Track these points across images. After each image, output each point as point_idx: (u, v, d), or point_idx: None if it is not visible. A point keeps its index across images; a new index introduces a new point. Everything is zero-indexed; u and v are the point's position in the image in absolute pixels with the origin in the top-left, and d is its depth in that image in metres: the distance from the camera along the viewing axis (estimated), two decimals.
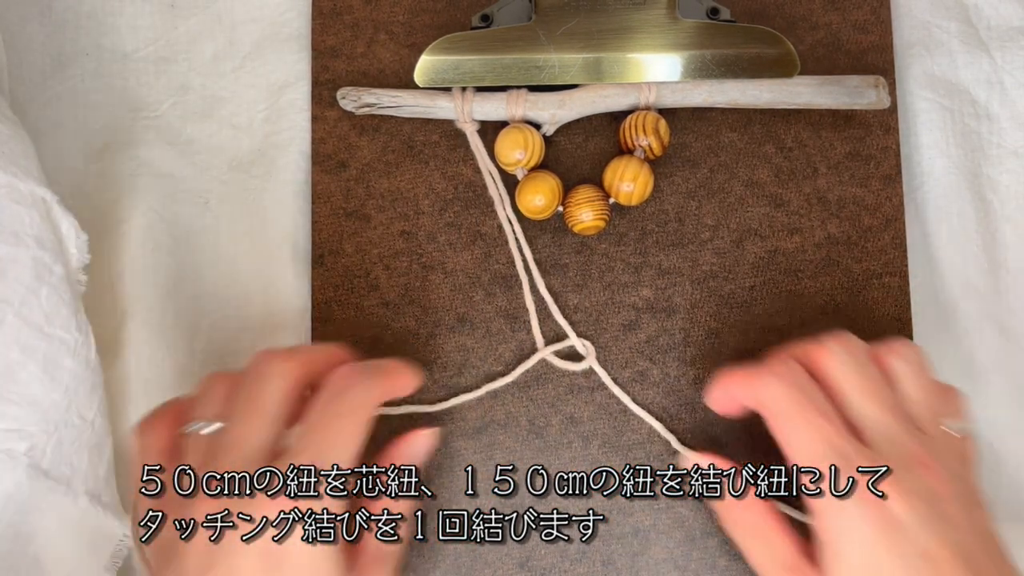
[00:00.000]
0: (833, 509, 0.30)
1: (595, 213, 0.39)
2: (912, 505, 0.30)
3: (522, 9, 0.40)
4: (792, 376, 0.33)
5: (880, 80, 0.40)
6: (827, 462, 0.31)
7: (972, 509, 0.31)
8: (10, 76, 0.41)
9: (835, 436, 0.31)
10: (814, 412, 0.32)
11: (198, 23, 0.43)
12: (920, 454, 0.31)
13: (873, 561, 0.30)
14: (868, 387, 0.32)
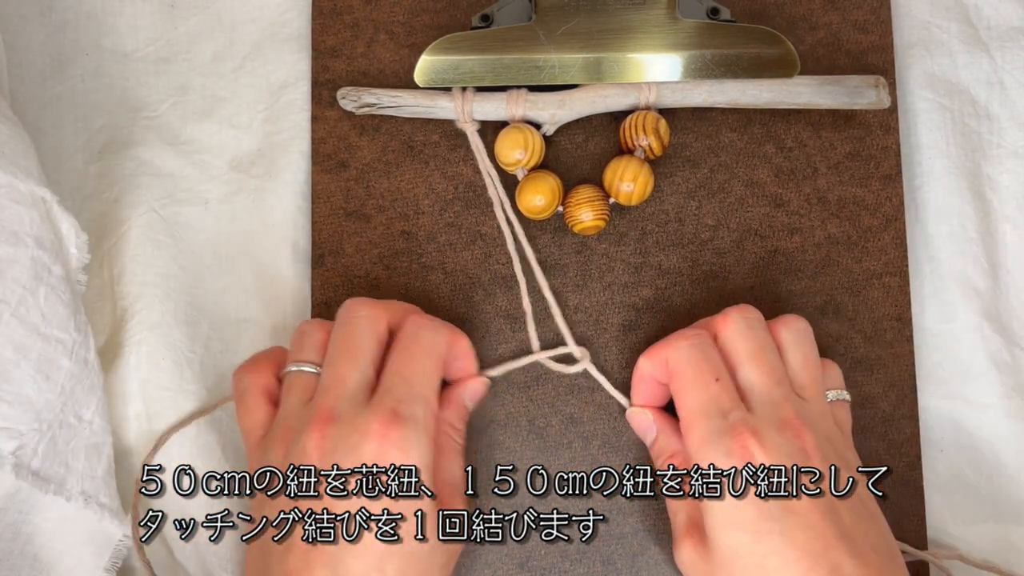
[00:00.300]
0: (704, 459, 0.33)
1: (595, 213, 0.39)
2: (776, 461, 0.32)
3: (522, 9, 0.40)
4: (696, 340, 0.36)
5: (880, 80, 0.40)
6: (705, 417, 0.34)
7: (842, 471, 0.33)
8: (10, 76, 0.41)
9: (721, 394, 0.34)
10: (709, 374, 0.34)
11: (198, 23, 0.43)
12: (793, 419, 0.33)
13: (736, 511, 0.32)
14: (757, 354, 0.35)
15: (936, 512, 0.41)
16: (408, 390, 0.34)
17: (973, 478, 0.41)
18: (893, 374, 0.40)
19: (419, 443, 0.33)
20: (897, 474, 0.40)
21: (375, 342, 0.35)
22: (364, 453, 0.32)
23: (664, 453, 0.37)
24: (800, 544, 0.31)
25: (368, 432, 0.32)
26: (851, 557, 0.31)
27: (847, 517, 0.32)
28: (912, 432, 0.40)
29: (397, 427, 0.32)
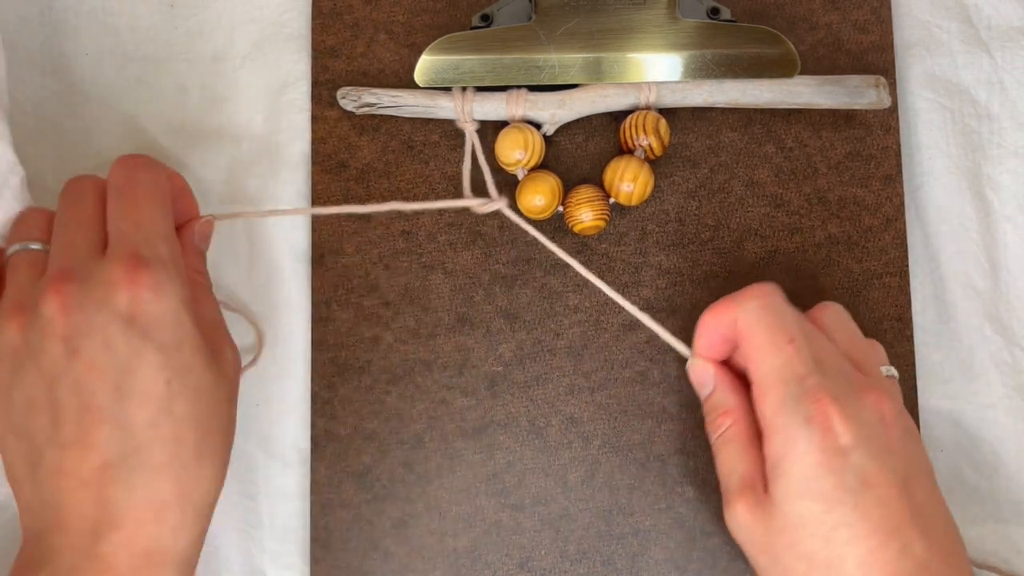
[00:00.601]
0: (781, 428, 0.32)
1: (595, 213, 0.39)
2: (856, 431, 0.31)
3: (522, 9, 0.40)
4: (770, 298, 0.34)
5: (880, 80, 0.40)
6: (782, 382, 0.32)
7: (913, 442, 0.33)
8: (9, 76, 0.41)
9: (796, 360, 0.32)
10: (782, 336, 0.33)
11: (198, 23, 0.43)
12: (871, 384, 0.33)
13: (813, 480, 0.31)
14: (814, 332, 0.34)
15: None
16: (144, 233, 0.32)
17: (973, 478, 0.41)
18: None
19: (172, 281, 0.31)
20: None
21: (99, 202, 0.33)
22: (117, 303, 0.30)
23: (718, 409, 0.35)
24: (874, 519, 0.30)
25: (114, 281, 0.30)
26: (922, 538, 0.30)
27: (920, 495, 0.31)
28: None
29: (144, 269, 0.30)
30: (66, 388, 0.30)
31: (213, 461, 0.32)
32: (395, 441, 0.40)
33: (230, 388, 0.33)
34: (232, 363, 0.34)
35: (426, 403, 0.40)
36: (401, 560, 0.39)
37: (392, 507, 0.39)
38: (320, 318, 0.40)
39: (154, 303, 0.30)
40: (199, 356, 0.32)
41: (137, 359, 0.30)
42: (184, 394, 0.31)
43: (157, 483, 0.30)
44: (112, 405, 0.30)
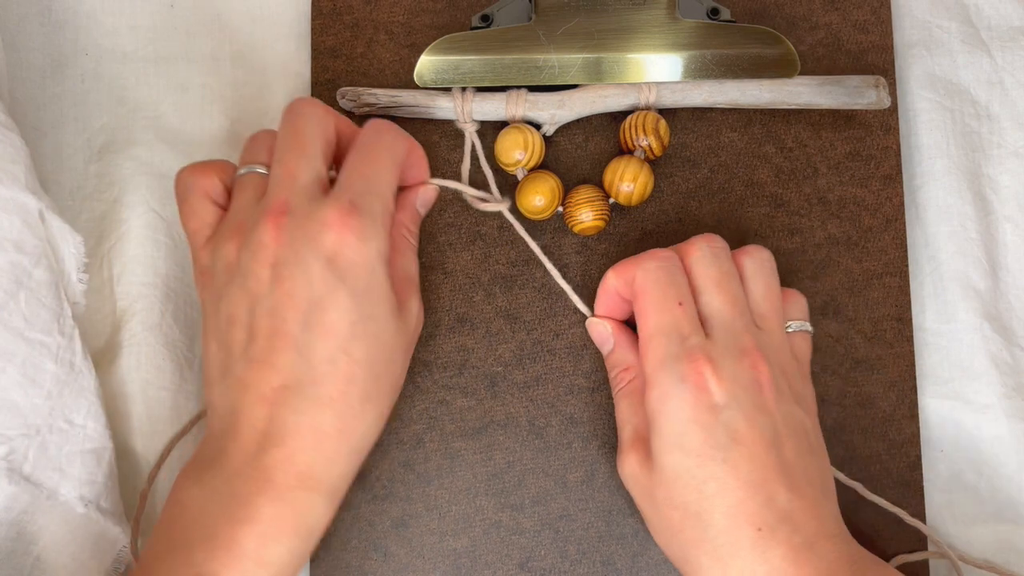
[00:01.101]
0: (657, 384, 0.34)
1: (595, 213, 0.39)
2: (728, 390, 0.33)
3: (522, 9, 0.40)
4: (666, 262, 0.36)
5: (880, 80, 0.40)
6: (664, 340, 0.34)
7: (792, 402, 0.34)
8: (10, 76, 0.41)
9: (682, 319, 0.34)
10: (673, 298, 0.35)
11: (197, 23, 0.43)
12: (751, 348, 0.34)
13: (684, 435, 0.33)
14: (721, 282, 0.36)
15: (936, 512, 0.41)
16: (366, 186, 0.33)
17: (973, 478, 0.41)
18: (893, 374, 0.40)
19: (376, 235, 0.33)
20: (897, 474, 0.40)
21: (323, 139, 0.35)
22: (324, 242, 0.32)
23: (619, 366, 0.38)
24: (742, 473, 0.32)
25: (327, 222, 0.32)
26: (787, 490, 0.32)
27: (790, 451, 0.33)
28: (912, 432, 0.40)
29: (355, 217, 0.32)
30: (264, 310, 0.32)
31: (377, 405, 0.33)
32: (395, 441, 0.40)
33: (408, 341, 0.35)
34: (416, 318, 0.35)
35: (426, 403, 0.40)
36: (401, 560, 0.39)
37: (392, 507, 0.39)
38: None
39: (356, 250, 0.32)
40: (385, 306, 0.33)
41: (330, 297, 0.32)
42: (364, 338, 0.32)
43: (322, 414, 0.32)
44: (299, 334, 0.32)
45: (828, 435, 0.40)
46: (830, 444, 0.40)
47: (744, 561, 0.32)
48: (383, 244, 0.33)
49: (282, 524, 0.31)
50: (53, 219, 0.35)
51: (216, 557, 0.30)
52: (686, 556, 0.34)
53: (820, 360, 0.40)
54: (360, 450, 0.34)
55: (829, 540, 0.33)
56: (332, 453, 0.32)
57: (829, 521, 0.33)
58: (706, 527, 0.33)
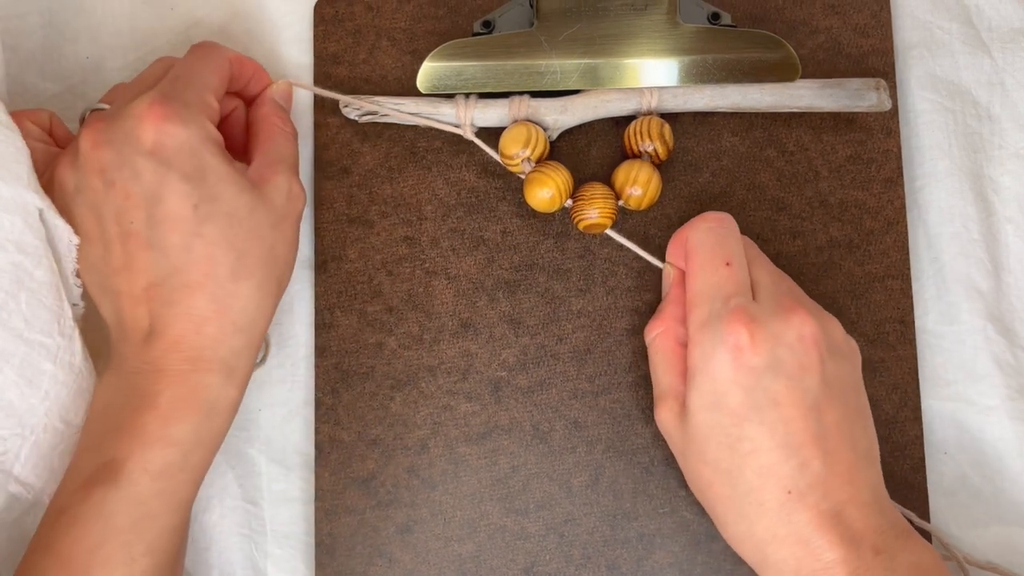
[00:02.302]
0: (699, 343, 0.34)
1: (602, 212, 0.39)
2: (769, 352, 0.33)
3: (523, 15, 0.40)
4: (716, 223, 0.37)
5: (881, 83, 0.40)
6: (708, 300, 0.35)
7: (840, 356, 0.35)
8: (9, 77, 0.41)
9: (729, 282, 0.35)
10: (720, 258, 0.36)
11: (199, 26, 0.43)
12: (796, 305, 0.34)
13: (723, 395, 0.33)
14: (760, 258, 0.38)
15: (940, 515, 0.41)
16: (178, 81, 0.35)
17: (977, 481, 0.41)
18: (896, 377, 0.40)
19: (194, 118, 0.33)
20: (901, 477, 0.40)
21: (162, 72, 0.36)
22: (142, 136, 0.33)
23: (662, 314, 0.38)
24: (778, 436, 0.33)
25: (139, 116, 0.33)
26: (822, 455, 0.33)
27: (831, 415, 0.33)
28: (916, 435, 0.40)
29: (167, 105, 0.33)
30: (109, 218, 0.33)
31: (251, 280, 0.34)
32: (399, 447, 0.40)
33: (275, 217, 0.35)
34: (284, 195, 0.35)
35: (430, 409, 0.40)
36: (406, 566, 0.39)
37: (397, 513, 0.39)
38: (323, 324, 0.40)
39: (175, 135, 0.33)
40: (228, 184, 0.34)
41: (164, 187, 0.33)
42: (214, 219, 0.33)
43: (193, 299, 0.33)
44: (147, 231, 0.33)
45: None
46: None
47: (769, 521, 0.33)
48: (204, 126, 0.34)
49: (181, 405, 0.33)
50: (55, 220, 0.34)
51: (123, 443, 0.32)
52: (714, 509, 0.35)
53: None
54: (248, 326, 0.34)
55: (860, 508, 0.33)
56: (216, 333, 0.33)
57: (864, 489, 0.33)
58: (735, 484, 0.33)
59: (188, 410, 0.33)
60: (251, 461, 0.41)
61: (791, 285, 0.37)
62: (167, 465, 0.32)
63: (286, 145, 0.37)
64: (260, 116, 0.38)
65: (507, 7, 0.40)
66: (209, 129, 0.34)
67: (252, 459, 0.41)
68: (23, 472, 0.34)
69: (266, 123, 0.38)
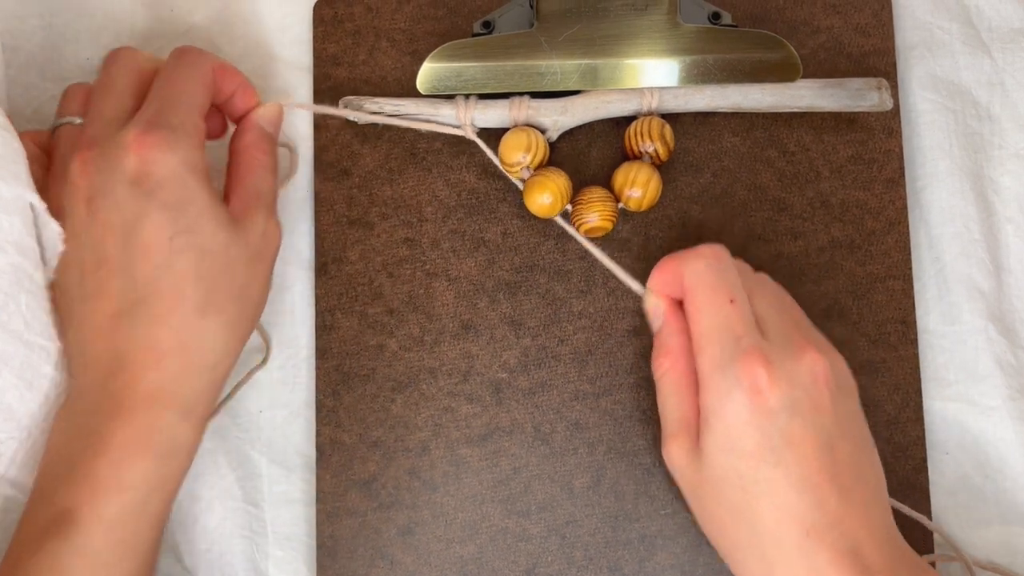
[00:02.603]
0: (714, 385, 0.33)
1: (602, 215, 0.39)
2: (785, 392, 0.32)
3: (523, 16, 0.40)
4: (713, 259, 0.35)
5: (882, 82, 0.40)
6: (718, 341, 0.33)
7: (846, 400, 0.34)
8: (8, 78, 0.41)
9: (736, 320, 0.34)
10: (723, 295, 0.34)
11: (198, 28, 0.43)
12: (807, 344, 0.34)
13: (739, 438, 0.32)
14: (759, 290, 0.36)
15: (942, 515, 0.41)
16: (165, 103, 0.34)
17: (979, 480, 0.41)
18: (898, 377, 0.40)
19: (181, 146, 0.33)
20: (903, 477, 0.40)
21: (134, 77, 0.36)
22: (127, 165, 0.32)
23: (661, 349, 0.36)
24: (793, 476, 0.32)
25: (126, 145, 0.32)
26: (838, 493, 0.32)
27: (843, 452, 0.33)
28: (917, 435, 0.40)
29: (154, 134, 0.33)
30: (88, 245, 0.33)
31: (218, 317, 0.33)
32: (400, 449, 0.40)
33: (250, 254, 0.34)
34: (260, 233, 0.35)
35: (431, 411, 0.40)
36: (407, 568, 0.39)
37: (398, 515, 0.39)
38: (324, 326, 0.40)
39: (160, 165, 0.32)
40: (207, 218, 0.33)
41: (142, 216, 0.32)
42: (187, 252, 0.32)
43: (156, 332, 0.32)
44: (120, 258, 0.32)
45: None
46: None
47: (789, 562, 0.32)
48: (191, 154, 0.33)
49: (135, 447, 0.32)
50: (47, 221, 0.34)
51: (75, 491, 0.31)
52: (732, 552, 0.34)
53: None
54: (212, 365, 0.34)
55: (876, 544, 0.32)
56: (177, 369, 0.32)
57: (878, 524, 0.33)
58: (753, 526, 0.33)
59: (142, 452, 0.32)
60: (252, 463, 0.40)
61: (794, 313, 0.36)
62: (122, 512, 0.31)
63: (264, 180, 0.37)
64: (242, 146, 0.37)
65: (507, 7, 0.40)
66: (195, 157, 0.33)
67: (253, 461, 0.41)
68: (19, 475, 0.34)
69: (247, 154, 0.37)
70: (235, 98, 0.38)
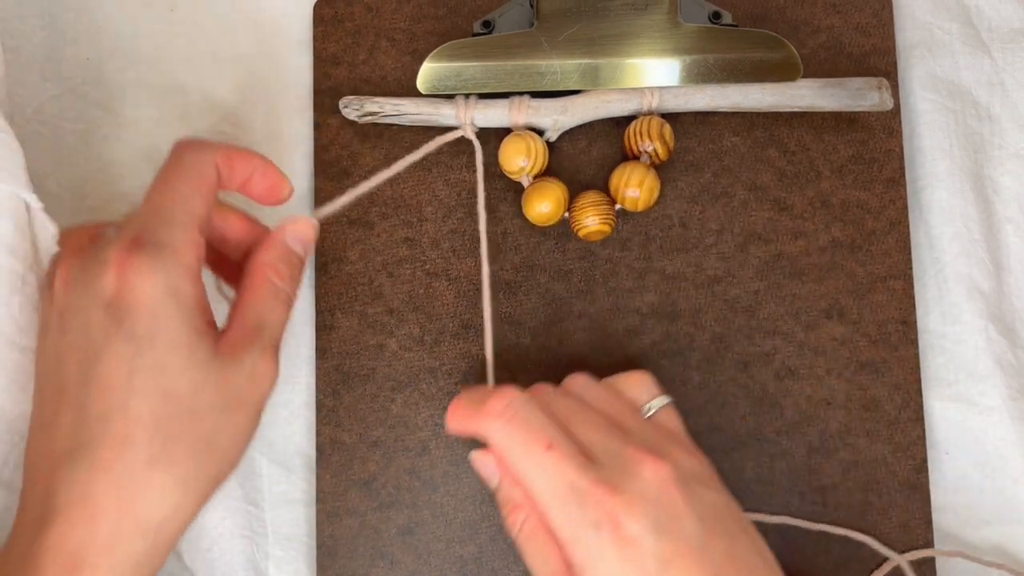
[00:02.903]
0: (575, 540, 0.30)
1: (600, 218, 0.39)
2: (642, 514, 0.30)
3: (523, 15, 0.40)
4: (510, 412, 0.32)
5: (883, 82, 0.40)
6: (558, 495, 0.30)
7: (696, 484, 0.31)
8: (9, 79, 0.41)
9: (563, 465, 0.30)
10: (539, 446, 0.31)
11: (198, 27, 0.43)
12: (636, 452, 0.31)
13: None
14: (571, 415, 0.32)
15: (942, 515, 0.41)
16: (157, 216, 0.30)
17: (979, 480, 0.41)
18: (898, 377, 0.40)
19: (165, 268, 0.29)
20: (903, 477, 0.40)
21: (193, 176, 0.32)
22: (104, 285, 0.29)
23: (507, 504, 0.33)
24: None
25: (107, 262, 0.29)
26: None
27: (717, 549, 0.30)
28: (918, 435, 0.40)
29: (138, 253, 0.29)
30: (52, 366, 0.30)
31: (171, 472, 0.28)
32: (400, 448, 0.40)
33: (228, 398, 0.30)
34: (250, 374, 0.30)
35: (431, 410, 0.40)
36: (408, 568, 0.39)
37: (398, 515, 0.39)
38: (324, 326, 0.40)
39: (136, 290, 0.29)
40: (178, 353, 0.29)
41: (106, 346, 0.28)
42: (146, 393, 0.28)
43: (95, 483, 0.28)
44: (77, 389, 0.29)
45: (833, 438, 0.40)
46: (836, 447, 0.40)
47: None
48: (175, 278, 0.29)
49: None
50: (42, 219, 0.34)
51: None
52: None
53: (825, 364, 0.40)
54: (156, 527, 0.28)
55: None
56: (111, 530, 0.28)
57: None
58: None
59: None
60: (252, 463, 0.40)
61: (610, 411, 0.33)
62: None
63: (272, 311, 0.32)
64: (258, 263, 0.32)
65: (507, 7, 0.40)
66: (180, 281, 0.29)
67: (253, 461, 0.40)
68: (12, 477, 0.34)
69: (259, 275, 0.32)
70: (254, 182, 0.33)
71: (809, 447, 0.40)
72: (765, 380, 0.40)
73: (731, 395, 0.40)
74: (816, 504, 0.40)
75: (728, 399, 0.40)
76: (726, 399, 0.40)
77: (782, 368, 0.40)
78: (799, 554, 0.39)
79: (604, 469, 0.30)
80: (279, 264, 0.32)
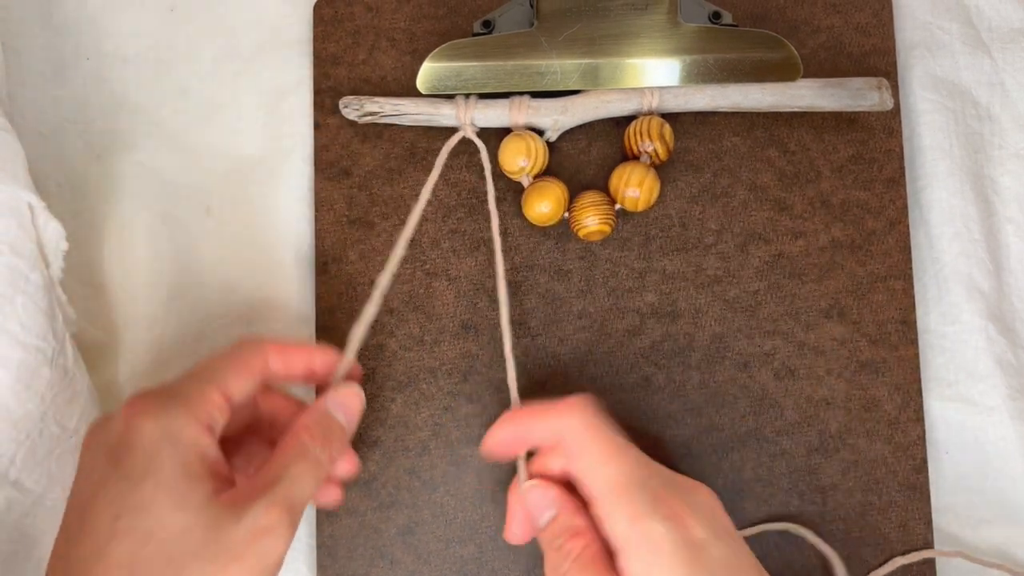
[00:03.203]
0: (643, 536, 0.30)
1: (600, 218, 0.39)
2: (705, 524, 0.30)
3: (524, 15, 0.40)
4: (592, 410, 0.33)
5: (883, 82, 0.40)
6: (632, 489, 0.31)
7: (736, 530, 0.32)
8: (10, 80, 0.41)
9: (636, 465, 0.31)
10: (616, 445, 0.32)
11: (198, 28, 0.43)
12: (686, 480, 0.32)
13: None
14: None
15: (942, 514, 0.41)
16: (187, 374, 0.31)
17: (979, 480, 0.41)
18: (898, 377, 0.40)
19: (176, 414, 0.29)
20: (903, 477, 0.40)
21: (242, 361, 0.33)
22: (111, 428, 0.30)
23: (569, 531, 0.32)
24: None
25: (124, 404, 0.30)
26: None
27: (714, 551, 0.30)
28: (918, 435, 0.40)
29: (147, 399, 0.30)
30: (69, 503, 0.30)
31: None
32: (400, 448, 0.40)
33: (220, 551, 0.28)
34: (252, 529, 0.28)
35: (431, 410, 0.40)
36: (407, 567, 0.39)
37: (398, 514, 0.39)
38: (324, 326, 0.40)
39: (136, 432, 0.29)
40: (167, 495, 0.28)
41: (100, 488, 0.28)
42: (129, 536, 0.27)
43: None
44: (74, 530, 0.29)
45: (834, 438, 0.40)
46: (835, 447, 0.40)
47: None
48: (179, 424, 0.29)
49: None
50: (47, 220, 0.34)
51: None
52: None
53: (825, 363, 0.40)
54: None
55: None
56: None
57: None
58: None
59: None
60: None
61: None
62: None
63: (295, 467, 0.31)
64: (298, 424, 0.32)
65: (507, 7, 0.40)
66: (183, 428, 0.29)
67: None
68: (20, 476, 0.34)
69: (292, 433, 0.32)
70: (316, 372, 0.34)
71: (809, 447, 0.40)
72: (765, 380, 0.40)
73: (731, 395, 0.40)
74: (816, 504, 0.40)
75: (728, 399, 0.40)
76: (726, 399, 0.40)
77: (782, 368, 0.40)
78: (799, 554, 0.39)
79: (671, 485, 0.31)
80: (314, 426, 0.32)
